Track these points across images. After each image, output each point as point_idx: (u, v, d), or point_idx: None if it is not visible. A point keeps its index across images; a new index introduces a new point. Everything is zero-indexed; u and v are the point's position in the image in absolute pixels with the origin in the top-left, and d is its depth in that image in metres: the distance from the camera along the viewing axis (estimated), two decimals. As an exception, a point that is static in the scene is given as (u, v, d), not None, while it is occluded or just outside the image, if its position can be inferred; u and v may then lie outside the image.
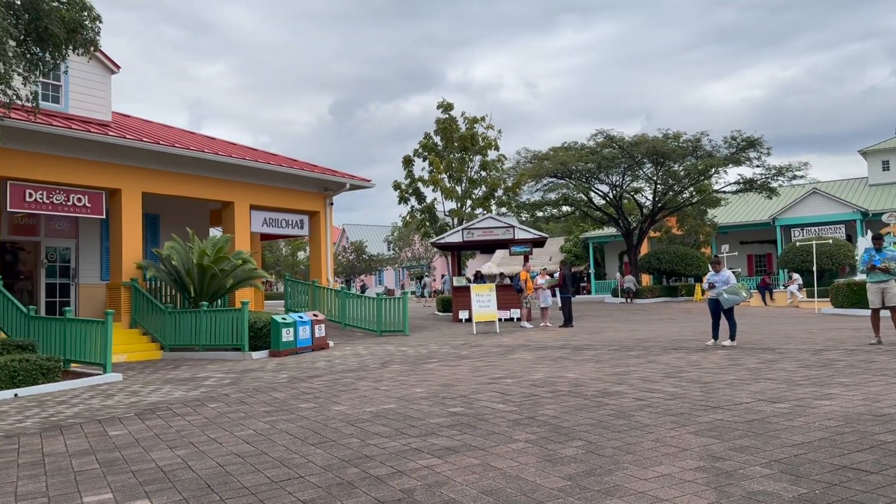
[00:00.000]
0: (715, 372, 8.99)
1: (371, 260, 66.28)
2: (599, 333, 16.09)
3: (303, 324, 14.47)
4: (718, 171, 34.05)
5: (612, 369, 9.67)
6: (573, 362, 10.67)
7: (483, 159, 26.92)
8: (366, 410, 7.36)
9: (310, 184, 20.35)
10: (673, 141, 33.56)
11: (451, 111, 26.31)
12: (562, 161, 32.88)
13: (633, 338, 14.55)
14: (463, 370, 10.33)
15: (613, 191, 36.54)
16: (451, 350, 13.42)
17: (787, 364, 9.44)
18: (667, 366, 9.79)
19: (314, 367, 11.75)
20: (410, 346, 14.77)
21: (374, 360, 12.43)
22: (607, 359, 10.92)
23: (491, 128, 26.92)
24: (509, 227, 21.67)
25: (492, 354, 12.35)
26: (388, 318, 18.00)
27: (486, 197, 26.71)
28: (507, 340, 14.98)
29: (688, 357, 10.71)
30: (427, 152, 26.56)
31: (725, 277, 12.08)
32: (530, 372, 9.75)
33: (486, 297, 17.41)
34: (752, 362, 9.78)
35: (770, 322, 18.89)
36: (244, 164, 17.72)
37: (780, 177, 34.11)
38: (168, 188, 16.68)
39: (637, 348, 12.30)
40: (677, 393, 7.52)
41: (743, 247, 46.21)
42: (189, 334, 14.72)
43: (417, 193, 26.56)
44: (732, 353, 11.02)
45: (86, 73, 15.79)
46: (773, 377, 8.34)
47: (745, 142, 33.49)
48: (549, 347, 13.10)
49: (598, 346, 13.05)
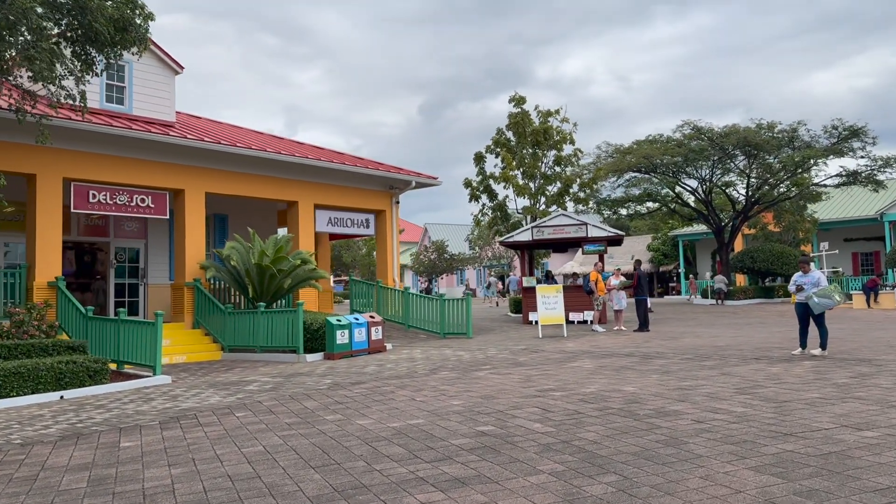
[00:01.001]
0: (796, 388, 7.85)
1: (452, 259, 65.94)
2: (676, 340, 14.89)
3: (358, 326, 14.03)
4: (818, 163, 31.55)
5: (677, 383, 8.66)
6: (636, 373, 9.70)
7: (557, 154, 25.85)
8: (389, 426, 6.73)
9: (375, 182, 19.97)
10: (767, 131, 31.34)
11: (524, 105, 25.38)
12: (645, 154, 31.30)
13: (712, 345, 13.33)
14: (512, 380, 9.55)
15: (702, 185, 34.57)
16: (509, 356, 12.64)
17: (883, 380, 8.17)
18: (742, 379, 8.69)
19: (362, 373, 11.24)
20: (469, 349, 14.08)
21: (425, 365, 11.82)
22: (676, 370, 9.88)
23: (566, 121, 25.80)
24: (582, 224, 20.60)
25: (550, 362, 11.49)
26: (451, 320, 17.37)
27: (560, 193, 25.63)
28: (571, 346, 14.04)
29: (768, 369, 9.53)
30: (499, 148, 25.74)
31: (815, 279, 10.76)
32: (584, 384, 8.88)
33: (552, 299, 16.48)
34: (841, 377, 8.54)
35: (871, 328, 17.07)
36: (307, 162, 17.49)
37: (887, 168, 31.27)
38: (231, 188, 16.64)
39: (713, 357, 11.15)
40: (745, 414, 6.50)
41: (847, 244, 42.93)
42: (247, 335, 14.56)
43: (489, 191, 25.79)
44: (821, 364, 9.74)
45: (149, 74, 15.93)
46: (863, 396, 7.16)
47: (847, 131, 30.88)
48: (616, 355, 12.11)
49: (669, 354, 11.95)
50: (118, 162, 14.81)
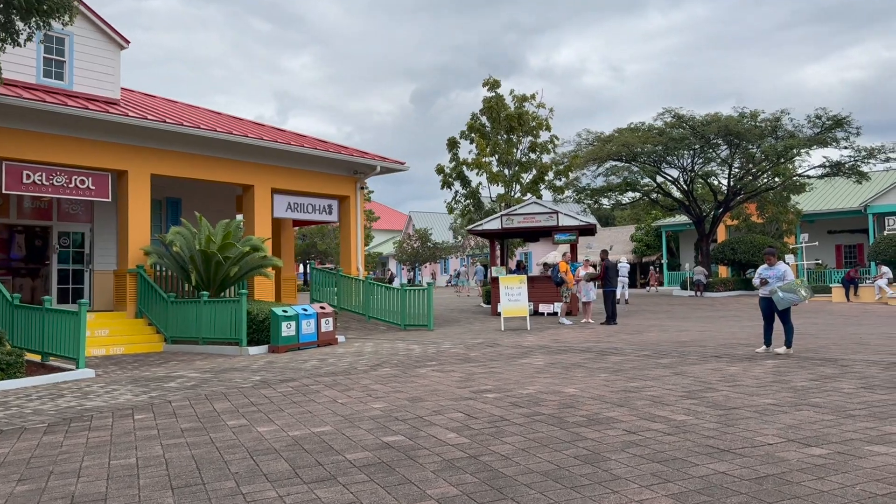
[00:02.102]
0: (749, 392, 7.18)
1: (436, 248, 65.17)
2: (641, 334, 14.24)
3: (306, 317, 13.29)
4: (801, 153, 30.94)
5: (624, 383, 7.98)
6: (585, 372, 9.01)
7: (533, 140, 25.08)
8: (290, 435, 6.01)
9: (338, 166, 19.17)
10: (749, 120, 30.68)
11: (498, 89, 24.57)
12: (624, 143, 30.59)
13: (675, 340, 12.68)
14: (452, 378, 8.85)
15: (684, 175, 33.92)
16: (462, 350, 11.94)
17: (845, 383, 7.51)
18: (694, 380, 8.02)
19: (298, 369, 10.51)
20: (424, 343, 13.37)
21: (370, 360, 11.10)
22: (628, 368, 9.20)
23: (542, 106, 25.02)
24: (553, 212, 19.89)
25: (501, 358, 10.80)
26: (412, 312, 16.65)
27: (535, 181, 24.89)
28: (530, 340, 13.36)
29: (727, 369, 8.87)
30: (473, 133, 24.94)
31: (781, 272, 10.09)
32: (526, 384, 8.18)
33: (516, 290, 15.78)
34: (801, 379, 7.88)
35: (846, 322, 16.49)
36: (263, 144, 16.66)
37: (871, 159, 30.69)
38: (180, 170, 15.81)
39: (672, 354, 10.49)
40: (685, 424, 5.82)
41: (830, 236, 42.48)
42: (190, 326, 13.80)
43: (462, 178, 25.01)
44: (783, 364, 9.09)
45: (91, 49, 15.04)
46: (820, 403, 6.49)
47: (831, 121, 30.26)
48: (572, 350, 11.43)
49: (628, 350, 11.28)
50: (56, 141, 13.95)
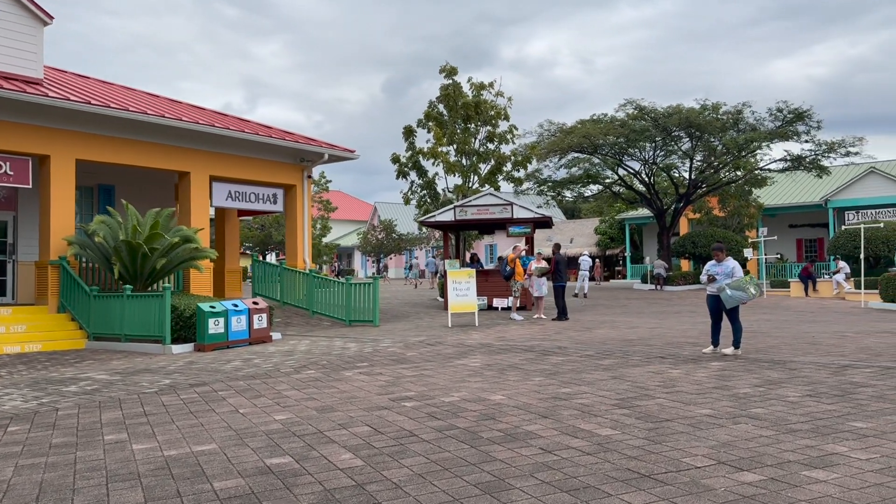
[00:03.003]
0: (687, 400, 6.62)
1: (401, 239, 64.39)
2: (590, 331, 13.71)
3: (237, 313, 12.50)
4: (762, 147, 30.79)
5: (557, 389, 7.38)
6: (520, 375, 8.41)
7: (491, 130, 24.44)
8: (165, 455, 5.29)
9: (284, 154, 18.32)
10: (711, 112, 30.43)
11: (456, 76, 23.86)
12: (585, 134, 30.12)
13: (623, 338, 12.16)
14: (377, 383, 8.18)
15: (645, 167, 33.61)
16: (400, 350, 11.27)
17: (791, 390, 7.00)
18: (632, 385, 7.45)
19: (217, 371, 9.75)
20: (363, 340, 12.68)
21: (298, 361, 10.38)
22: (566, 370, 8.61)
23: (501, 95, 24.39)
24: (507, 204, 19.29)
25: (438, 358, 10.16)
26: (357, 307, 15.92)
27: (493, 172, 24.27)
28: (475, 338, 12.75)
29: (668, 372, 8.33)
30: (430, 121, 24.22)
31: (730, 269, 9.58)
32: (452, 390, 7.54)
33: (464, 285, 15.15)
34: (746, 384, 7.36)
35: (802, 319, 16.17)
36: (199, 129, 15.75)
37: (831, 153, 30.64)
38: (108, 155, 14.85)
39: (616, 354, 9.94)
40: (609, 440, 5.22)
41: (792, 230, 42.66)
42: (114, 322, 12.93)
43: (418, 167, 24.29)
44: (729, 366, 8.58)
45: (9, 24, 13.99)
46: (761, 414, 5.95)
47: (792, 114, 30.14)
48: (514, 350, 10.83)
49: (572, 349, 10.72)
50: (-34, 122, 12.92)
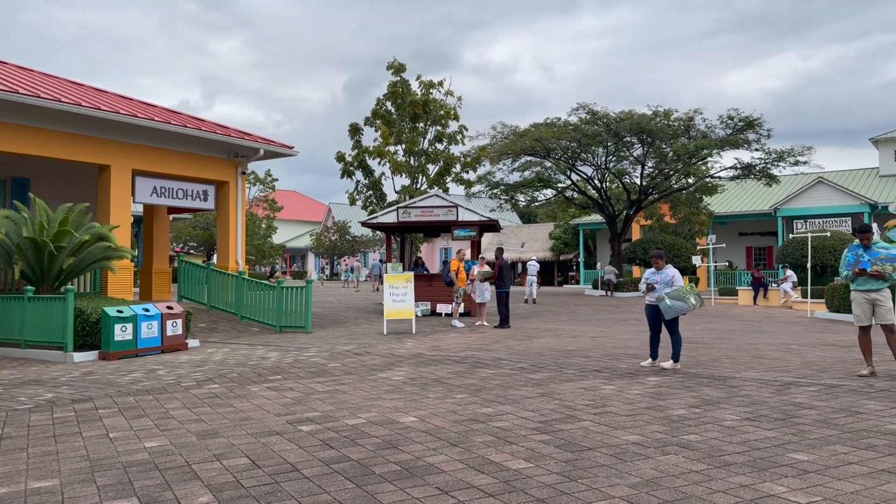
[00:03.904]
0: (616, 423, 5.97)
1: (355, 241, 63.32)
2: (531, 340, 13.08)
3: (147, 319, 11.51)
4: (713, 154, 30.75)
5: (478, 408, 6.68)
6: (442, 391, 7.68)
7: (440, 130, 23.75)
8: (-11, 492, 4.40)
9: (216, 148, 17.31)
10: (662, 119, 30.25)
11: (404, 73, 23.10)
12: (537, 138, 29.63)
13: (563, 348, 11.54)
14: (282, 401, 7.37)
15: (598, 173, 33.32)
16: (323, 360, 10.44)
17: (730, 411, 6.41)
18: (559, 405, 6.79)
19: (113, 383, 8.81)
20: (288, 349, 11.82)
21: (207, 373, 9.49)
22: (493, 386, 7.92)
23: (451, 94, 23.72)
24: (453, 206, 18.59)
25: (361, 371, 9.37)
26: (289, 311, 15.03)
27: (441, 173, 23.58)
28: (407, 347, 11.99)
29: (601, 388, 7.69)
30: (377, 119, 23.41)
31: (669, 277, 9.01)
32: (363, 409, 6.78)
33: (401, 290, 14.38)
34: (681, 404, 6.75)
35: (748, 329, 15.82)
36: (120, 119, 14.66)
37: (780, 162, 30.74)
38: (18, 146, 13.67)
39: (550, 367, 9.29)
40: (518, 476, 4.52)
41: (742, 238, 43.01)
42: (14, 326, 11.84)
43: (364, 167, 23.45)
44: (666, 382, 7.99)
45: None
46: (694, 442, 5.32)
47: (743, 122, 30.14)
48: (445, 361, 10.10)
49: (506, 360, 10.04)
50: None
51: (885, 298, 8.09)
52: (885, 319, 8.07)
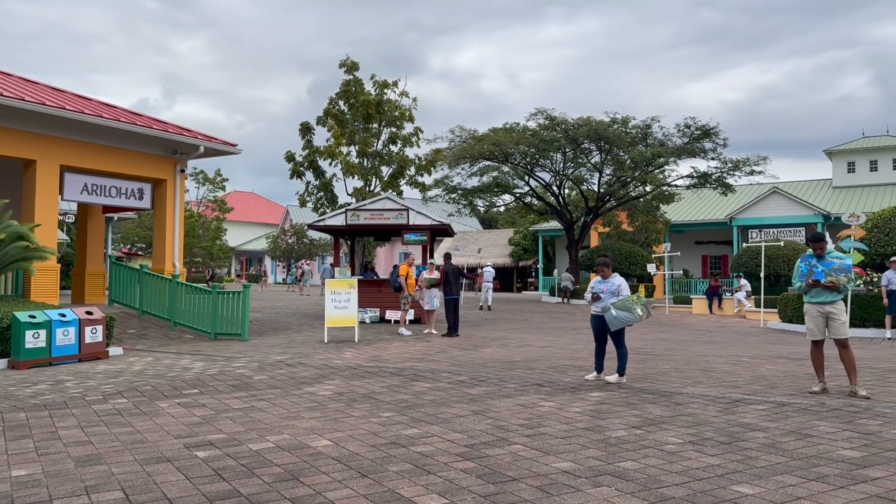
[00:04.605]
0: (549, 447, 5.44)
1: (312, 244, 62.20)
2: (478, 349, 12.54)
3: (63, 325, 10.66)
4: (669, 162, 30.72)
5: (402, 429, 6.09)
6: (369, 408, 7.07)
7: (394, 132, 23.14)
8: None
9: (153, 144, 16.45)
10: (620, 126, 30.14)
11: (357, 72, 22.44)
12: (495, 142, 29.23)
13: (509, 359, 11.03)
14: (188, 420, 6.69)
15: (556, 179, 33.07)
16: (251, 371, 9.74)
17: (673, 432, 5.92)
18: (492, 425, 6.24)
19: (9, 396, 8.00)
20: (218, 359, 11.08)
21: (119, 385, 8.72)
22: (426, 402, 7.33)
23: (405, 95, 23.13)
24: (403, 209, 17.99)
25: (287, 385, 8.71)
26: (226, 318, 14.24)
27: (395, 175, 22.96)
28: (346, 357, 11.35)
29: (540, 405, 7.17)
30: (330, 119, 22.69)
31: (616, 287, 8.55)
32: (274, 430, 6.14)
33: (343, 296, 13.72)
34: (622, 424, 6.25)
35: (699, 339, 15.53)
36: (48, 111, 13.75)
37: (736, 171, 30.88)
38: (-72, 137, 12.70)
39: (491, 380, 8.74)
40: (428, 516, 3.94)
41: (698, 247, 43.23)
42: (-85, 332, 10.85)
43: (315, 167, 22.71)
44: (610, 398, 7.50)
45: None
46: (629, 471, 4.81)
47: (699, 131, 30.20)
48: (380, 374, 9.49)
49: (446, 373, 9.47)
50: None
51: (839, 311, 7.73)
52: (838, 334, 7.71)
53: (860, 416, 6.56)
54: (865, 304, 16.83)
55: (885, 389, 8.15)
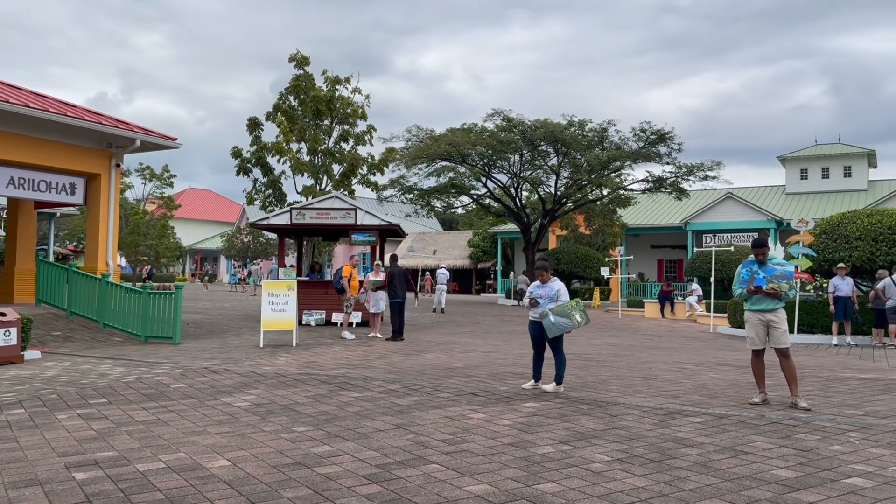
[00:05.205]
0: (467, 467, 5.03)
1: (269, 243, 61.07)
2: (420, 354, 12.10)
3: (-31, 327, 9.93)
4: (625, 166, 30.72)
5: (313, 446, 5.62)
6: (286, 421, 6.58)
7: (346, 129, 22.58)
8: None
9: (86, 137, 15.63)
10: (577, 129, 30.02)
11: (307, 66, 21.83)
12: (452, 142, 28.85)
13: (449, 365, 10.62)
14: (80, 434, 6.13)
15: (513, 181, 32.84)
16: (168, 380, 9.15)
17: (602, 449, 5.56)
18: (413, 440, 5.80)
19: None
20: (141, 364, 10.44)
21: (21, 393, 8.08)
22: (349, 414, 6.86)
23: (358, 91, 22.60)
24: (351, 209, 17.47)
25: (205, 393, 8.16)
26: (157, 320, 13.55)
27: (346, 174, 22.40)
28: (278, 363, 10.81)
29: (469, 417, 6.76)
30: (280, 114, 22.02)
31: (554, 292, 8.20)
32: (171, 447, 5.62)
33: (281, 299, 13.15)
34: (551, 439, 5.86)
35: (647, 345, 15.34)
36: (-35, 100, 12.92)
37: (690, 176, 31.01)
38: None
39: (424, 389, 8.31)
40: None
41: (654, 251, 43.50)
42: None
43: (263, 164, 22.03)
44: (545, 409, 7.13)
45: None
46: (548, 494, 4.42)
47: (655, 135, 30.24)
48: (310, 381, 8.98)
49: (381, 380, 9.01)
50: None
51: (781, 320, 7.48)
52: (779, 343, 7.46)
53: (799, 431, 6.29)
54: (813, 311, 16.85)
55: (827, 400, 7.94)
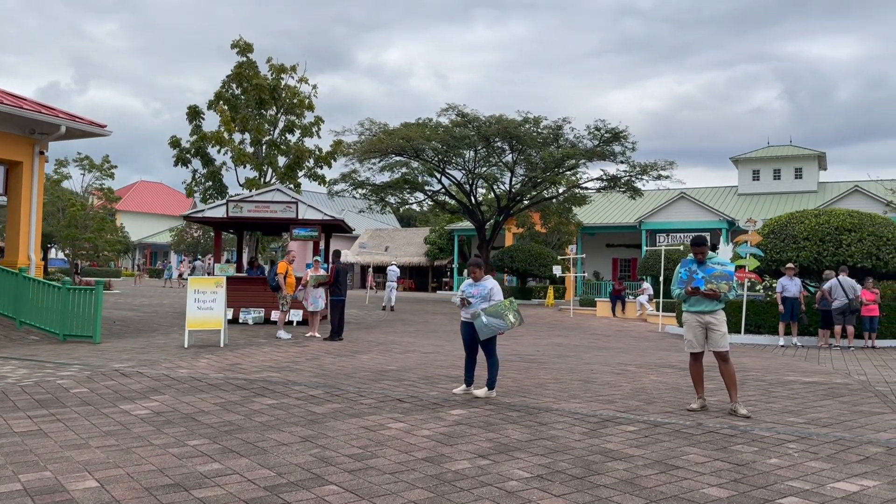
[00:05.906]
0: (369, 487, 4.48)
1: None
2: (356, 356, 11.52)
3: None
4: (578, 164, 30.51)
5: (202, 464, 5.01)
6: (184, 432, 5.95)
7: (292, 120, 21.82)
8: None
9: (7, 122, 14.63)
10: (532, 126, 29.69)
11: (251, 53, 21.00)
12: (405, 137, 28.24)
13: (383, 368, 10.06)
14: (-59, 446, 5.39)
15: (467, 177, 32.39)
16: (70, 384, 8.41)
17: (523, 463, 5.06)
18: (318, 454, 5.23)
19: None
20: (46, 366, 9.65)
21: None
22: (254, 425, 6.26)
23: (305, 81, 21.86)
24: (292, 202, 16.77)
25: (105, 400, 7.46)
26: (77, 317, 12.69)
27: (291, 167, 21.64)
28: (199, 365, 10.12)
29: (388, 427, 6.21)
30: (223, 103, 21.15)
31: (487, 291, 7.71)
32: (39, 464, 4.96)
33: (209, 296, 12.42)
34: (470, 453, 5.35)
35: (593, 345, 14.99)
36: None
37: (644, 175, 30.96)
38: None
39: (348, 394, 7.74)
40: None
41: (609, 250, 43.58)
42: None
43: (203, 154, 21.14)
44: (471, 416, 6.62)
45: None
46: (450, 524, 3.90)
47: (609, 133, 30.09)
48: (223, 387, 8.34)
49: (304, 384, 8.41)
50: None
51: (720, 322, 7.11)
52: (718, 346, 7.09)
53: (736, 441, 5.90)
54: (761, 311, 16.74)
55: (768, 406, 7.61)
